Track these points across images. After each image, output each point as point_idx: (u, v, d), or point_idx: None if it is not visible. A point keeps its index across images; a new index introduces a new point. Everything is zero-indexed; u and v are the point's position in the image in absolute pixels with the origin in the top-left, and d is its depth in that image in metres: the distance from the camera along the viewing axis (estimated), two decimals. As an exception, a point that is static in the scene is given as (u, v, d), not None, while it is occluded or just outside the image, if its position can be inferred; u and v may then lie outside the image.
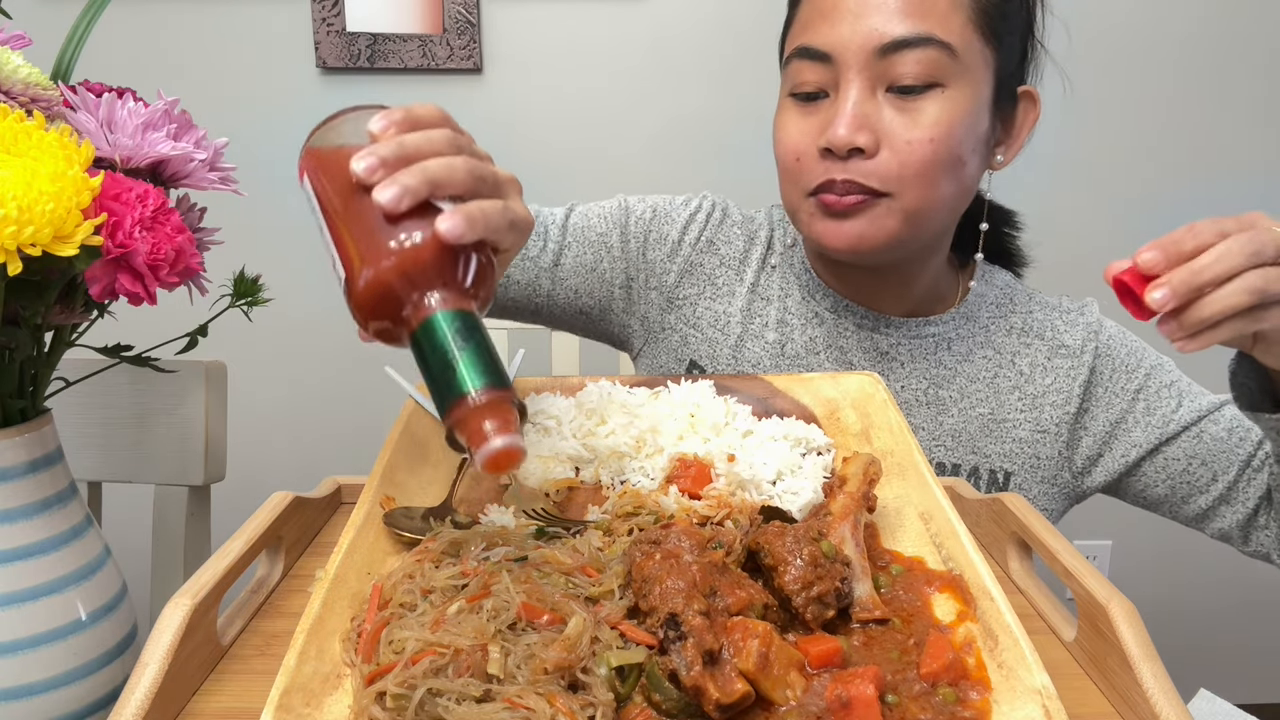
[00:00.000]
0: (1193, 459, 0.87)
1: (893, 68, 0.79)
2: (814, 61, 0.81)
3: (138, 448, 1.04)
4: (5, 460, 0.56)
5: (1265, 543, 0.86)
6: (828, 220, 0.83)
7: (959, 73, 0.79)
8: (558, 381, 0.78)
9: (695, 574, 0.47)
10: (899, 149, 0.80)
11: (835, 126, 0.79)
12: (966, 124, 0.81)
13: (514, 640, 0.45)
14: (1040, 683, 0.43)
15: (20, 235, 0.47)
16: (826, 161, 0.81)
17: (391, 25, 1.58)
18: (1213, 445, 0.87)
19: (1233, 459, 0.86)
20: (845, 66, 0.80)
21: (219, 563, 0.54)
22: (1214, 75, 1.68)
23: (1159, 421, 0.88)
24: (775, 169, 0.89)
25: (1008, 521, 0.64)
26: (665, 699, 0.44)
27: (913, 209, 0.82)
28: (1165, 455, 0.88)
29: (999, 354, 0.92)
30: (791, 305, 0.95)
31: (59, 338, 0.60)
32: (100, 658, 0.59)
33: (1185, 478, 0.88)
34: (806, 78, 0.82)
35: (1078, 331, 0.92)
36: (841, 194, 0.81)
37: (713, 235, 0.99)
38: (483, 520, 0.63)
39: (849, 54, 0.79)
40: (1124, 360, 0.91)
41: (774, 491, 0.65)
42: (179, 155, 0.60)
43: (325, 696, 0.45)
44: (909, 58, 0.78)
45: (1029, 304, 0.95)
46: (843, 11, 0.79)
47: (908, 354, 0.92)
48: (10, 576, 0.55)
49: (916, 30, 0.78)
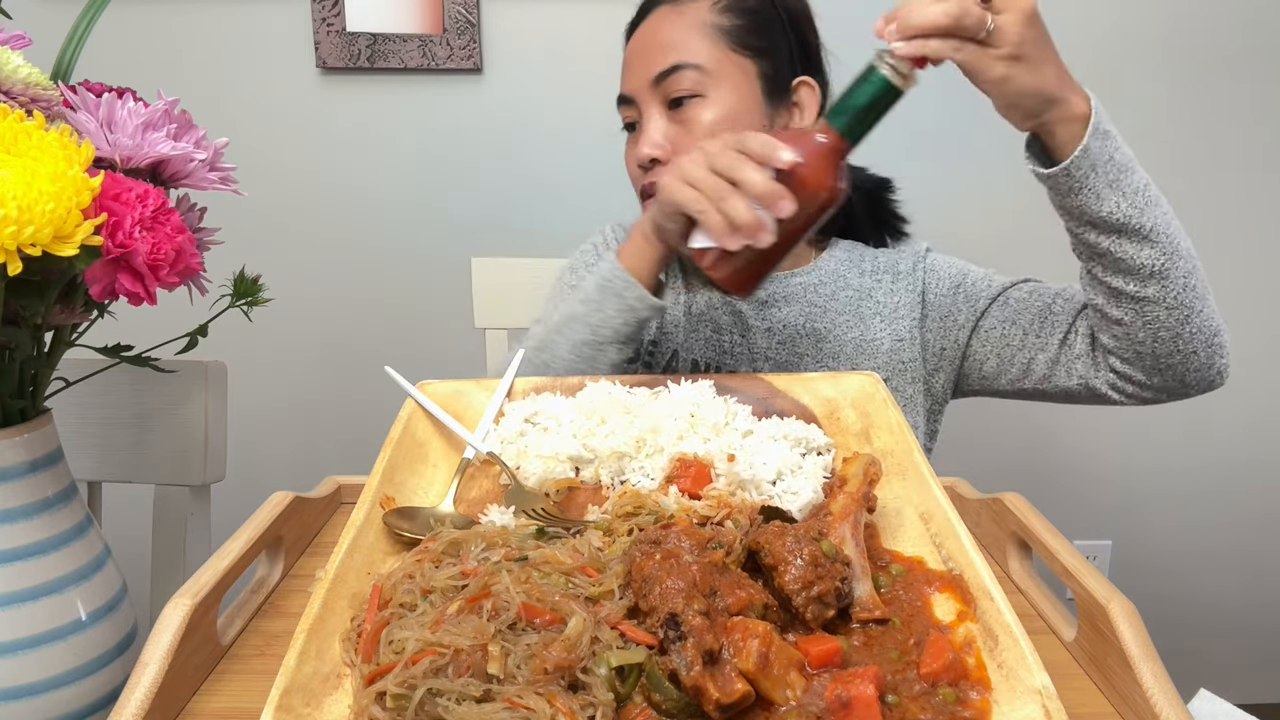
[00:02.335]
0: (1005, 322, 1.04)
1: (666, 90, 1.02)
2: (625, 105, 1.07)
3: (138, 448, 1.04)
4: (5, 460, 0.56)
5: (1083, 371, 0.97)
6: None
7: (715, 83, 1.01)
8: (558, 382, 0.78)
9: (695, 574, 0.47)
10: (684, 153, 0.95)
11: (639, 145, 1.03)
12: (732, 120, 1.01)
13: (514, 640, 0.45)
14: (1040, 683, 0.43)
15: (20, 235, 0.47)
16: (645, 176, 1.04)
17: (391, 25, 1.58)
18: (1017, 306, 1.03)
19: (1032, 311, 1.02)
20: (640, 99, 1.04)
21: (219, 563, 0.54)
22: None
23: (973, 300, 1.06)
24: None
25: (1008, 521, 0.64)
26: (665, 699, 0.44)
27: None
28: (984, 327, 1.05)
29: (858, 292, 1.11)
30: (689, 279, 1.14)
31: (59, 338, 0.60)
32: (100, 658, 0.59)
33: (1004, 341, 1.03)
34: (625, 115, 1.08)
35: (908, 259, 1.12)
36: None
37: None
38: (483, 520, 0.63)
39: (640, 90, 1.04)
40: (946, 273, 1.10)
41: (774, 491, 0.65)
42: (179, 155, 0.60)
43: (325, 696, 0.45)
44: (672, 81, 1.01)
45: (874, 256, 1.15)
46: (635, 63, 1.05)
47: (783, 298, 1.11)
48: (10, 576, 0.55)
49: (671, 61, 1.01)
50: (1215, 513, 1.87)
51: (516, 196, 1.68)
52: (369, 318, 1.71)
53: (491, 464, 0.70)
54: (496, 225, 1.68)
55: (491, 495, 0.68)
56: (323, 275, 1.69)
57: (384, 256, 1.69)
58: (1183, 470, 1.85)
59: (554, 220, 1.68)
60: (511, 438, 0.72)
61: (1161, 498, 1.86)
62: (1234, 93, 1.69)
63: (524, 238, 1.68)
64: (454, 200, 1.67)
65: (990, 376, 1.07)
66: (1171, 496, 1.86)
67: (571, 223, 1.68)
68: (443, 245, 1.68)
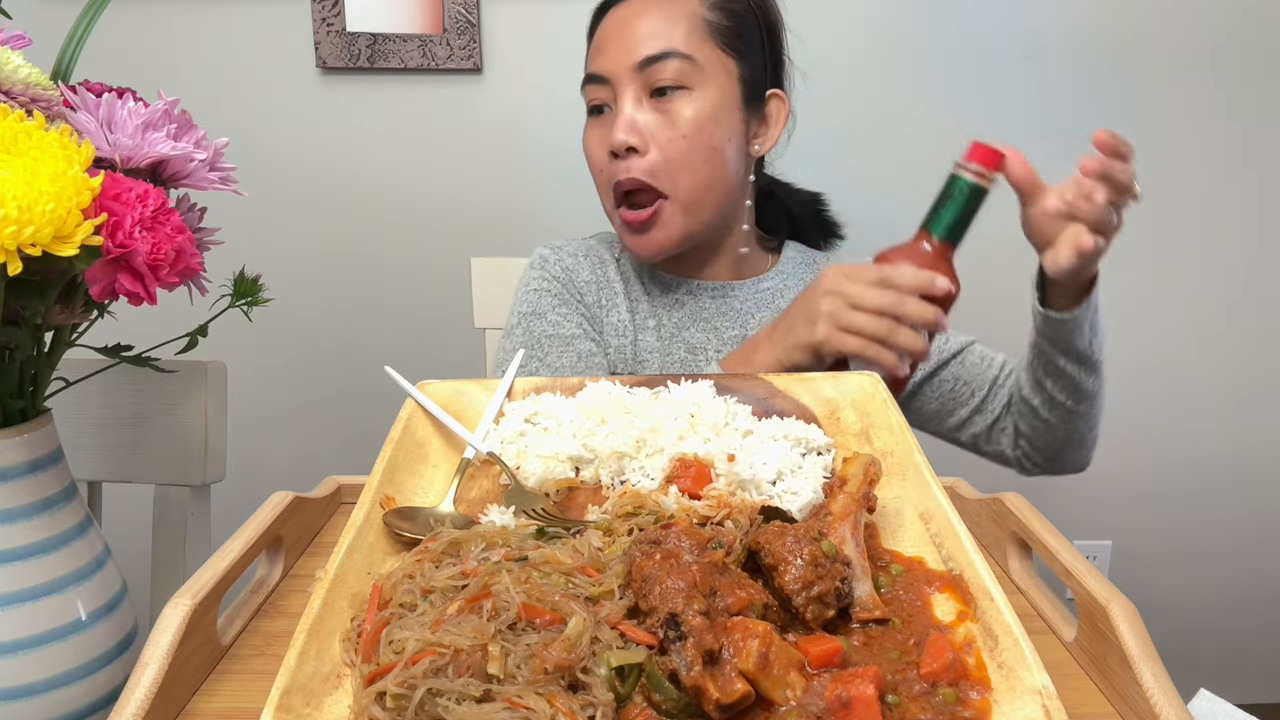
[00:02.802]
0: (958, 380, 1.12)
1: (649, 78, 1.00)
2: (596, 84, 1.04)
3: (138, 448, 1.04)
4: (5, 460, 0.56)
5: (1002, 442, 1.10)
6: (632, 235, 1.04)
7: (702, 79, 1.00)
8: (558, 382, 0.78)
9: (695, 574, 0.47)
10: (663, 145, 1.00)
11: (615, 132, 1.00)
12: (715, 118, 1.01)
13: (514, 640, 0.45)
14: (1040, 683, 0.43)
15: (20, 235, 0.47)
16: (614, 164, 1.01)
17: (391, 25, 1.58)
18: (971, 369, 1.11)
19: (985, 379, 1.11)
20: (618, 82, 1.01)
21: (219, 563, 0.54)
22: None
23: (935, 351, 1.11)
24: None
25: (1008, 521, 0.64)
26: (665, 699, 0.44)
27: (687, 200, 1.02)
28: (939, 378, 1.12)
29: None
30: (654, 299, 1.14)
31: (59, 338, 0.60)
32: (100, 658, 0.59)
33: (951, 395, 1.12)
34: (594, 97, 1.05)
35: None
36: (635, 203, 1.01)
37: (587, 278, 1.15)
38: (483, 520, 0.63)
39: (620, 72, 1.01)
40: None
41: (774, 491, 0.65)
42: (179, 155, 0.60)
43: (325, 696, 0.45)
44: (659, 68, 0.99)
45: (826, 263, 1.19)
46: (614, 43, 1.02)
47: (754, 305, 1.13)
48: (10, 576, 0.55)
49: (663, 47, 0.99)
50: (1215, 513, 1.87)
51: (516, 196, 1.68)
52: (369, 318, 1.71)
53: (491, 464, 0.70)
54: (496, 225, 1.68)
55: (491, 495, 0.68)
56: (323, 275, 1.69)
57: (384, 256, 1.69)
58: (1183, 470, 1.85)
59: (554, 220, 1.68)
60: (511, 438, 0.72)
61: (1161, 498, 1.86)
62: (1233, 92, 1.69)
63: (524, 238, 1.68)
64: (454, 200, 1.67)
65: (928, 417, 1.15)
66: (1171, 496, 1.86)
67: (571, 223, 1.68)
68: (443, 245, 1.68)
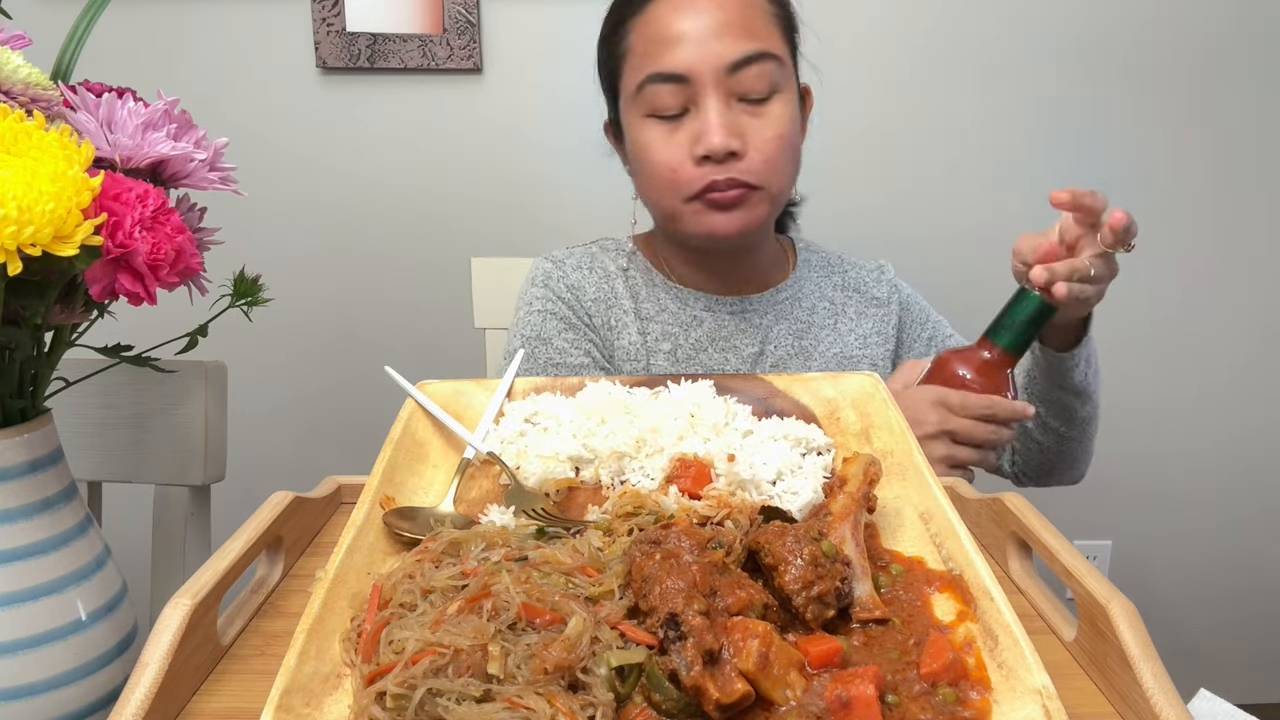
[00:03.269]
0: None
1: (740, 82, 0.94)
2: (671, 84, 0.94)
3: (138, 448, 1.04)
4: (5, 460, 0.56)
5: (1000, 457, 1.10)
6: (715, 214, 0.98)
7: (785, 78, 0.97)
8: (558, 382, 0.78)
9: (695, 574, 0.47)
10: (761, 148, 0.96)
11: (709, 136, 0.93)
12: (795, 118, 0.99)
13: (514, 640, 0.45)
14: (1040, 683, 0.43)
15: (20, 235, 0.47)
16: (704, 167, 0.95)
17: (391, 25, 1.58)
18: None
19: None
20: (702, 84, 0.93)
21: (219, 563, 0.54)
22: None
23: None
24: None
25: (1008, 521, 0.64)
26: (665, 699, 0.44)
27: (776, 193, 1.01)
28: None
29: (833, 305, 1.13)
30: (669, 318, 1.09)
31: (59, 338, 0.60)
32: (100, 658, 0.59)
33: None
34: (665, 100, 0.95)
35: (883, 287, 1.16)
36: (725, 189, 0.96)
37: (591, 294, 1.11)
38: (483, 520, 0.63)
39: (703, 73, 0.93)
40: (916, 314, 1.17)
41: (774, 491, 0.65)
42: (179, 155, 0.60)
43: (325, 696, 0.45)
44: (752, 72, 0.93)
45: (842, 265, 1.18)
46: (688, 38, 0.93)
47: (774, 318, 1.10)
48: (10, 576, 0.55)
49: (755, 48, 0.93)
50: (1215, 513, 1.87)
51: (516, 196, 1.68)
52: (369, 317, 1.71)
53: (491, 464, 0.70)
54: (496, 225, 1.68)
55: (491, 495, 0.68)
56: (323, 275, 1.69)
57: (384, 256, 1.69)
58: (1183, 470, 1.85)
59: (554, 220, 1.68)
60: (511, 438, 0.72)
61: (1161, 498, 1.86)
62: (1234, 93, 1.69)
63: (524, 238, 1.68)
64: (454, 200, 1.67)
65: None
66: (1171, 496, 1.86)
67: (571, 223, 1.68)
68: (443, 245, 1.68)
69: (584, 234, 1.24)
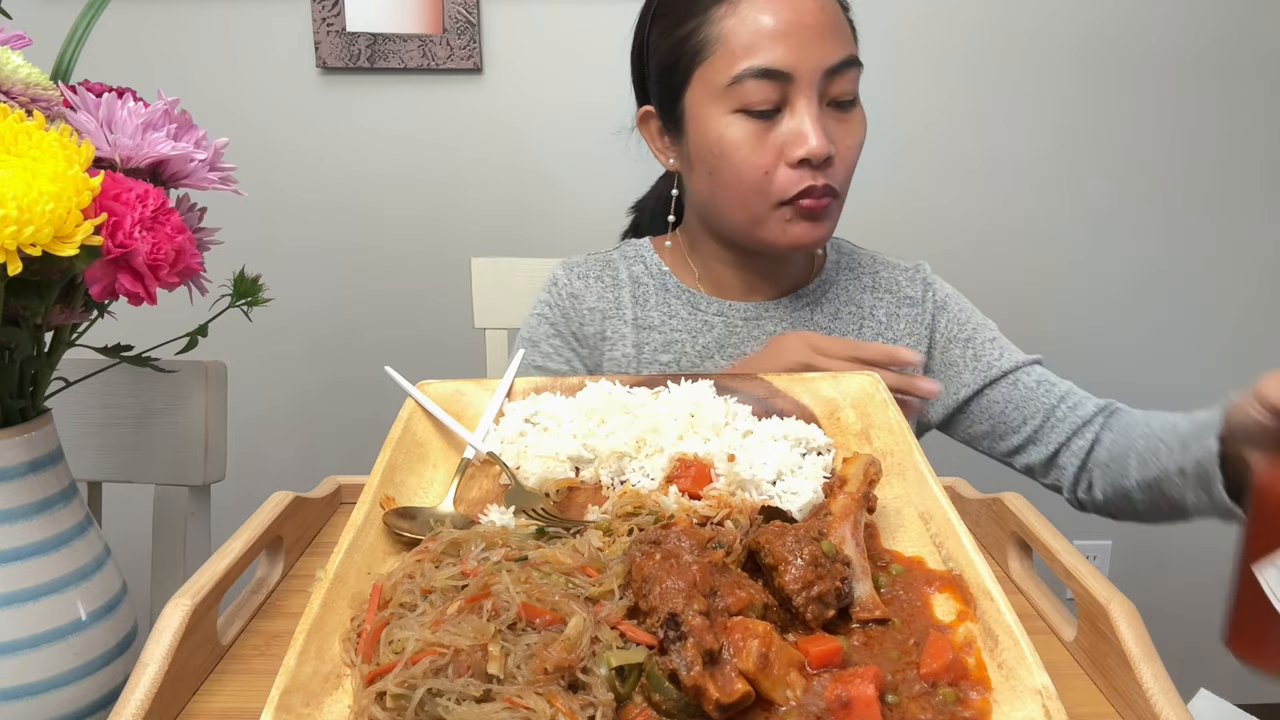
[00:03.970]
0: (1008, 402, 1.03)
1: (833, 86, 0.92)
2: (770, 81, 0.90)
3: (138, 448, 1.04)
4: (5, 460, 0.56)
5: (1062, 480, 1.03)
6: (804, 223, 0.95)
7: (859, 85, 0.96)
8: (558, 382, 0.78)
9: (695, 574, 0.47)
10: (844, 155, 0.94)
11: (808, 140, 0.90)
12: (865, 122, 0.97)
13: (514, 640, 0.45)
14: (1040, 683, 0.43)
15: (20, 235, 0.47)
16: (801, 170, 0.92)
17: (391, 25, 1.58)
18: (1025, 393, 1.02)
19: (1038, 407, 1.02)
20: (803, 84, 0.90)
21: (219, 563, 0.54)
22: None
23: (984, 366, 1.04)
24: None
25: (1008, 521, 0.64)
26: (665, 699, 0.44)
27: (843, 201, 0.98)
28: (988, 397, 1.04)
29: (860, 309, 1.08)
30: (678, 324, 1.06)
31: (59, 338, 0.60)
32: (100, 658, 0.59)
33: (1002, 418, 1.03)
34: (763, 96, 0.91)
35: (916, 286, 1.09)
36: (819, 197, 0.93)
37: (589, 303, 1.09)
38: (483, 520, 0.63)
39: (805, 73, 0.90)
40: (955, 314, 1.08)
41: (774, 491, 0.65)
42: (179, 155, 0.60)
43: (325, 696, 0.45)
44: (846, 77, 0.92)
45: (873, 265, 1.11)
46: (792, 36, 0.90)
47: (790, 326, 1.05)
48: (10, 576, 0.55)
49: (848, 53, 0.92)
50: (1215, 513, 1.87)
51: (516, 196, 1.68)
52: (369, 318, 1.71)
53: (491, 464, 0.70)
54: (496, 225, 1.68)
55: (491, 495, 0.68)
56: (323, 275, 1.69)
57: (384, 256, 1.69)
58: (1183, 470, 1.84)
59: (554, 220, 1.68)
60: (511, 438, 0.71)
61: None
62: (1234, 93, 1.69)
63: (524, 238, 1.68)
64: (454, 200, 1.67)
65: (976, 438, 1.08)
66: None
67: (571, 223, 1.68)
68: (442, 245, 1.68)
69: (584, 234, 1.24)
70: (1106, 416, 1.01)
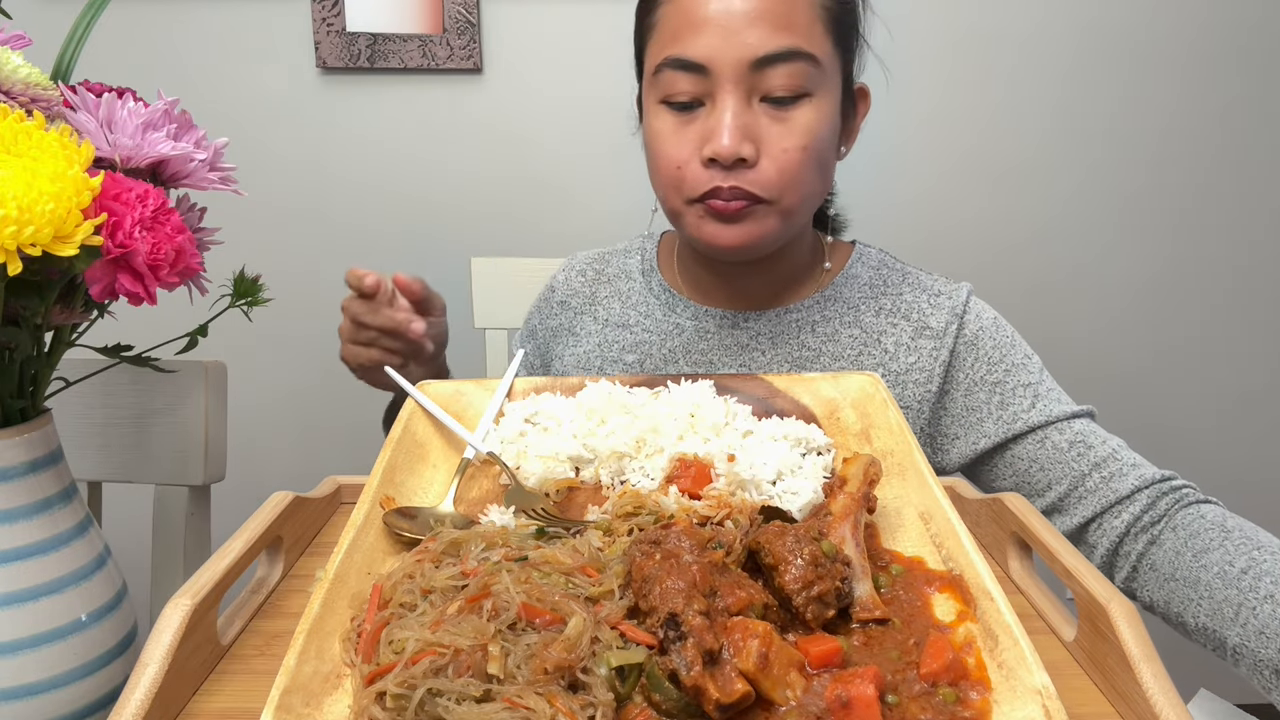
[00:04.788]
0: (1033, 462, 0.89)
1: (765, 80, 0.83)
2: (688, 73, 0.84)
3: (138, 448, 1.04)
4: (5, 460, 0.56)
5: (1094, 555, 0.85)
6: (716, 224, 0.88)
7: (821, 81, 0.85)
8: (558, 381, 0.78)
9: (695, 574, 0.47)
10: (776, 157, 0.85)
11: (719, 138, 0.83)
12: (830, 128, 0.87)
13: (514, 640, 0.45)
14: (1040, 683, 0.43)
15: (20, 235, 0.47)
16: (711, 170, 0.85)
17: (391, 25, 1.58)
18: (1053, 453, 0.88)
19: (1066, 471, 0.87)
20: (721, 78, 0.83)
21: (219, 563, 0.54)
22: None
23: (1009, 417, 0.90)
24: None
25: (1008, 521, 0.64)
26: (665, 699, 0.44)
27: (789, 209, 0.88)
28: (1012, 452, 0.90)
29: (866, 333, 0.96)
30: (651, 325, 1.01)
31: (59, 338, 0.60)
32: (100, 658, 0.59)
33: (1026, 477, 0.90)
34: (681, 88, 0.85)
35: (942, 314, 0.95)
36: (728, 199, 0.86)
37: (561, 296, 1.09)
38: (483, 520, 0.63)
39: (724, 66, 0.82)
40: (988, 351, 0.94)
41: (774, 491, 0.65)
42: (179, 155, 0.60)
43: (325, 696, 0.45)
44: (780, 71, 0.83)
45: (901, 285, 0.99)
46: (715, 25, 0.82)
47: (769, 341, 0.96)
48: (10, 576, 0.55)
49: (786, 45, 0.82)
50: (1215, 513, 1.87)
51: (516, 196, 1.68)
52: (369, 318, 1.70)
53: (491, 464, 0.70)
54: (496, 225, 1.68)
55: (491, 495, 0.68)
56: (323, 275, 1.69)
57: (384, 256, 1.69)
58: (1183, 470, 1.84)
59: (554, 220, 1.68)
60: (511, 438, 0.72)
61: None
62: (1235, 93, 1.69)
63: (524, 238, 1.68)
64: (454, 200, 1.67)
65: (996, 490, 0.92)
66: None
67: (571, 223, 1.68)
68: (442, 245, 1.68)
69: (584, 234, 1.24)
70: (1170, 504, 0.82)
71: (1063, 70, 1.66)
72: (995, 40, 1.64)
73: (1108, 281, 1.76)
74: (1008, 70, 1.66)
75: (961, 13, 1.63)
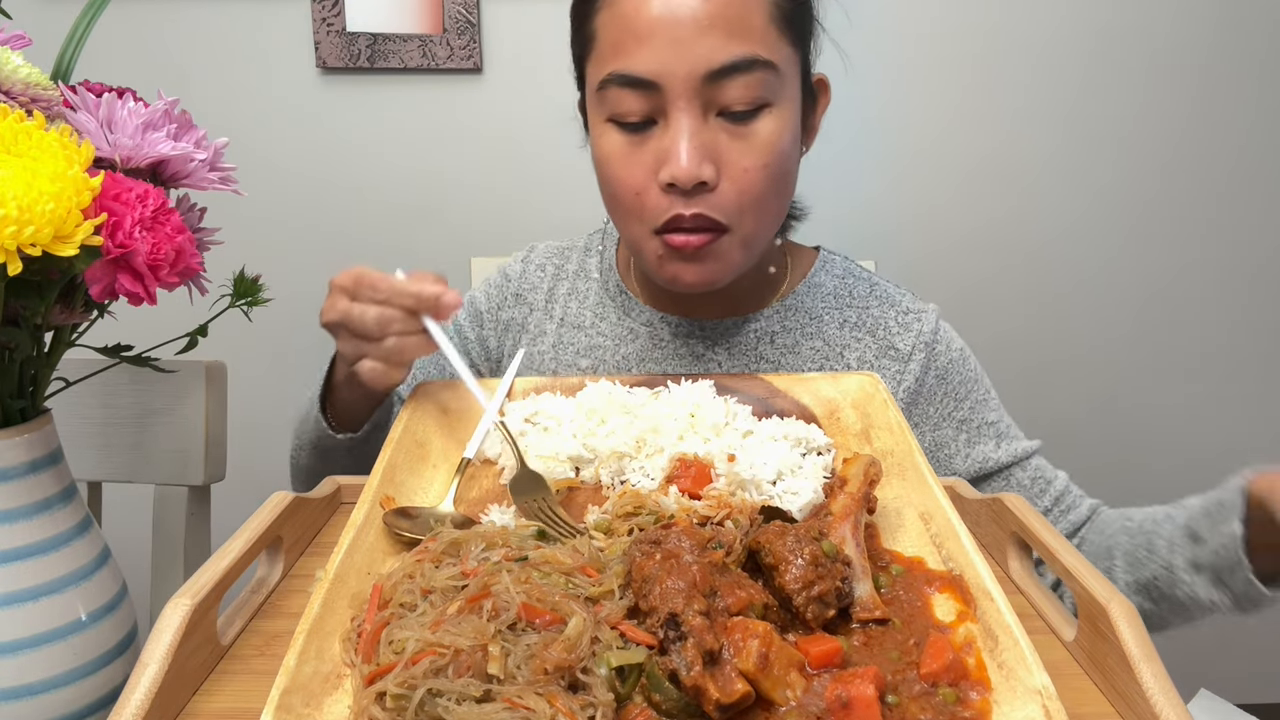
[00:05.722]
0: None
1: (721, 93, 0.76)
2: (636, 90, 0.77)
3: (138, 448, 1.04)
4: (5, 460, 0.56)
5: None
6: (679, 262, 0.82)
7: (780, 88, 0.79)
8: (558, 381, 0.78)
9: (695, 574, 0.47)
10: (737, 178, 0.79)
11: (676, 160, 0.76)
12: (791, 136, 0.81)
13: (514, 640, 0.45)
14: (1040, 683, 0.43)
15: (20, 235, 0.47)
16: (670, 196, 0.78)
17: (391, 25, 1.58)
18: (1018, 490, 0.89)
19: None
20: (673, 94, 0.76)
21: (219, 563, 0.54)
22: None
23: (979, 457, 0.90)
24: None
25: (1007, 521, 0.64)
26: (665, 699, 0.44)
27: (750, 236, 0.82)
28: (979, 489, 0.90)
29: (828, 345, 0.92)
30: (606, 328, 0.96)
31: (59, 338, 0.60)
32: (100, 658, 0.59)
33: None
34: (629, 106, 0.78)
35: (909, 337, 0.92)
36: (690, 230, 0.80)
37: (517, 289, 1.03)
38: (483, 520, 0.63)
39: (676, 81, 0.75)
40: (955, 388, 0.92)
41: (774, 491, 0.65)
42: (179, 155, 0.60)
43: (325, 696, 0.45)
44: (737, 83, 0.76)
45: (868, 297, 0.95)
46: (662, 35, 0.75)
47: (725, 352, 0.91)
48: (10, 576, 0.55)
49: (741, 54, 0.75)
50: (1215, 513, 1.86)
51: (516, 196, 1.68)
52: (369, 318, 1.70)
53: (492, 464, 0.70)
54: (496, 225, 1.68)
55: (491, 495, 0.68)
56: (323, 275, 1.67)
57: (384, 256, 1.69)
58: (1183, 471, 1.84)
59: (554, 220, 1.68)
60: (511, 438, 0.72)
61: (1161, 499, 1.86)
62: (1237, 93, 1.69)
63: (524, 238, 1.67)
64: (454, 200, 1.67)
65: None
66: (1171, 497, 1.86)
67: (571, 223, 1.68)
68: (443, 245, 1.68)
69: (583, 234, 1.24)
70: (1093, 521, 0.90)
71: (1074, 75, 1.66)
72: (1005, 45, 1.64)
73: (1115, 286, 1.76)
74: (1016, 76, 1.66)
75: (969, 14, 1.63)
